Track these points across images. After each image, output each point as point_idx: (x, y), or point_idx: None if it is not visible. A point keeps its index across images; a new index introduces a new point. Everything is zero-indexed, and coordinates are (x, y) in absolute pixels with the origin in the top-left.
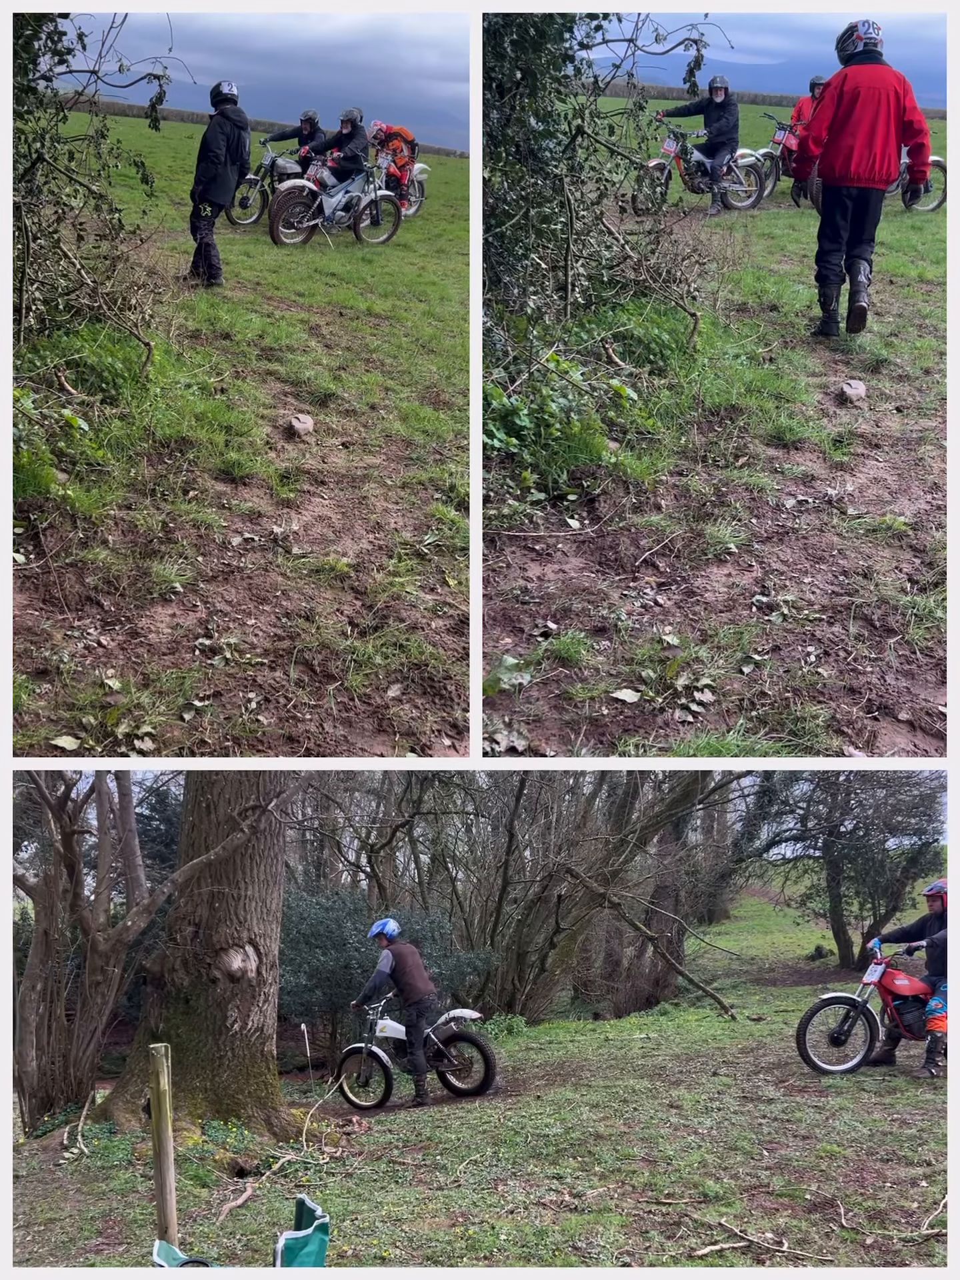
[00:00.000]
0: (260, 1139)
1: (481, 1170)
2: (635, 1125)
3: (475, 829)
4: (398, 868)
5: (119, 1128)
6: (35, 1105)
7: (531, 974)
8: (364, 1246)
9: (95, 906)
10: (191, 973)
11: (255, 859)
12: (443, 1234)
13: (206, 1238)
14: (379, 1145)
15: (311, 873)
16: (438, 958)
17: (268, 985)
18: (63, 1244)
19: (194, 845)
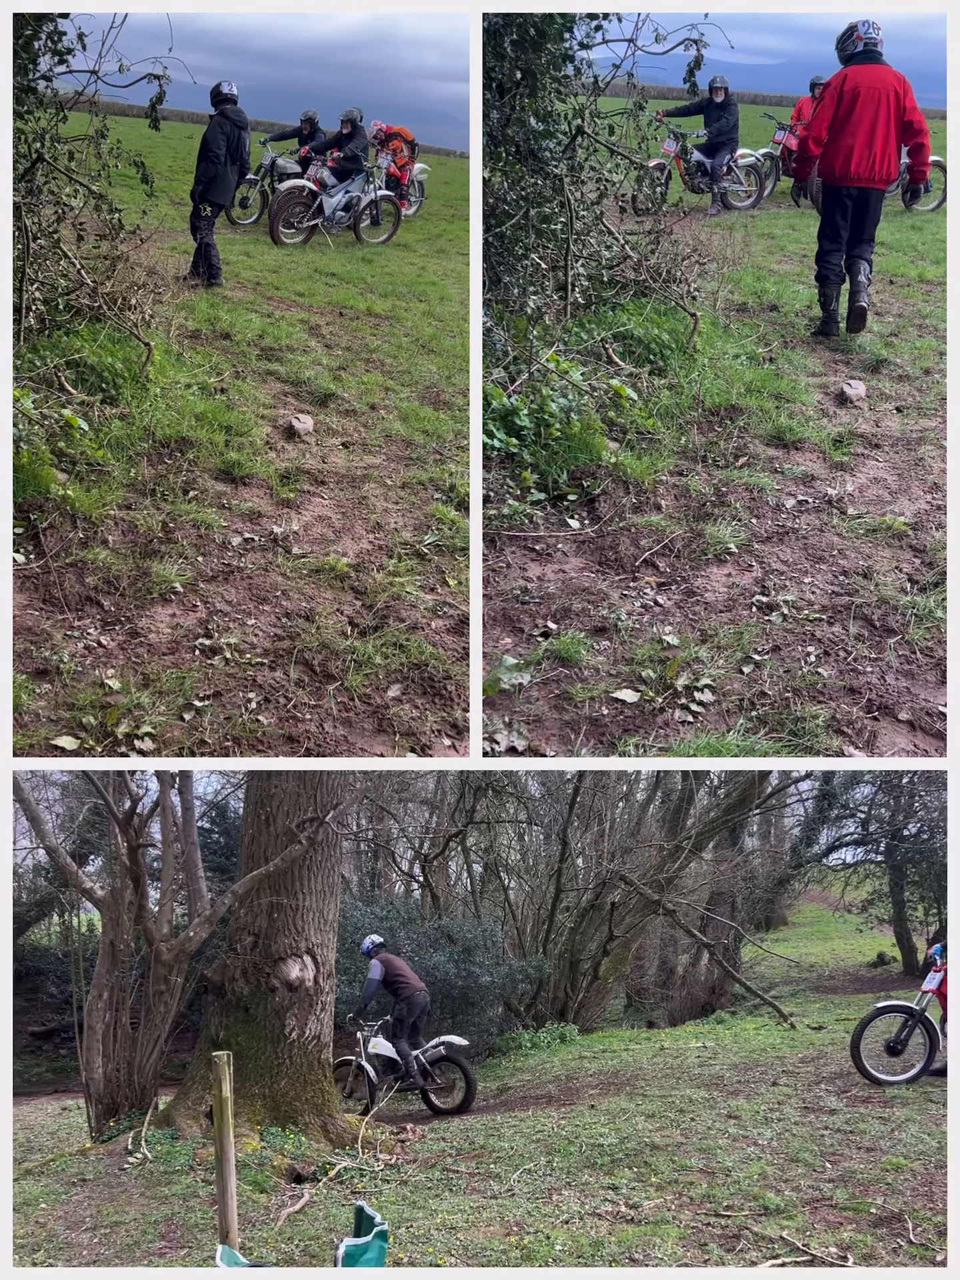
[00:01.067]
0: (317, 1145)
1: (535, 1179)
2: (692, 1136)
3: (528, 837)
4: (450, 877)
5: (181, 1133)
6: (101, 1111)
7: (584, 982)
8: (419, 1254)
9: (159, 918)
10: (251, 982)
11: (313, 870)
12: (497, 1243)
13: (265, 1243)
14: (432, 1153)
15: (366, 883)
16: (490, 965)
17: (325, 994)
18: (128, 1246)
19: (254, 857)
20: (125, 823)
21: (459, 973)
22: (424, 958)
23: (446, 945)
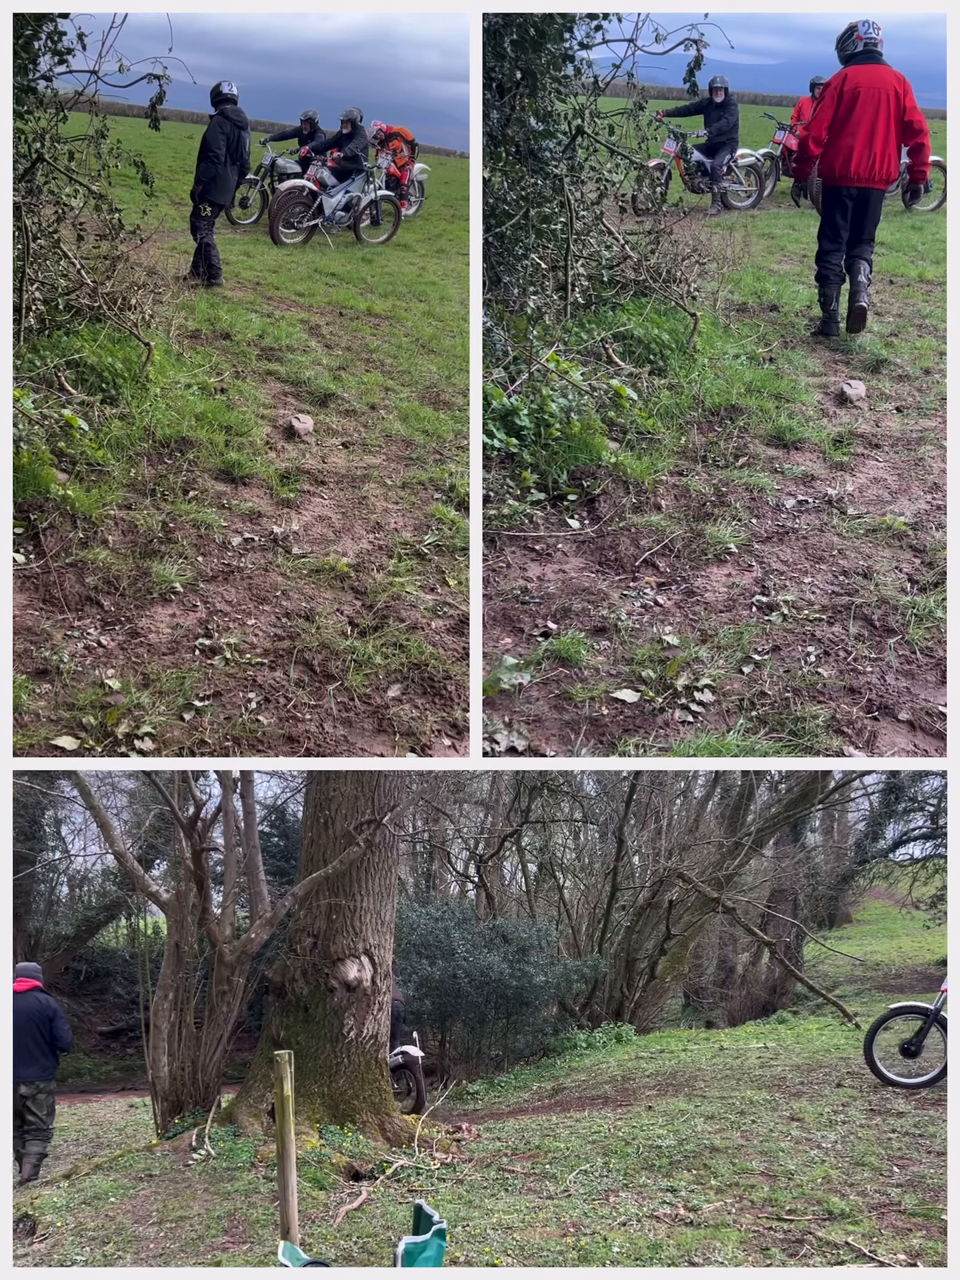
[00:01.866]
0: (374, 1144)
1: (592, 1181)
2: (753, 1138)
3: (583, 836)
4: (504, 877)
5: (243, 1131)
6: (167, 1108)
7: (641, 981)
8: (476, 1253)
9: (222, 920)
10: (310, 982)
11: (370, 872)
12: (554, 1244)
13: (324, 1239)
14: (488, 1153)
15: (421, 884)
16: (544, 965)
17: (381, 994)
18: (192, 1241)
19: (313, 860)
20: (190, 827)
21: (513, 973)
22: (478, 958)
23: (501, 945)
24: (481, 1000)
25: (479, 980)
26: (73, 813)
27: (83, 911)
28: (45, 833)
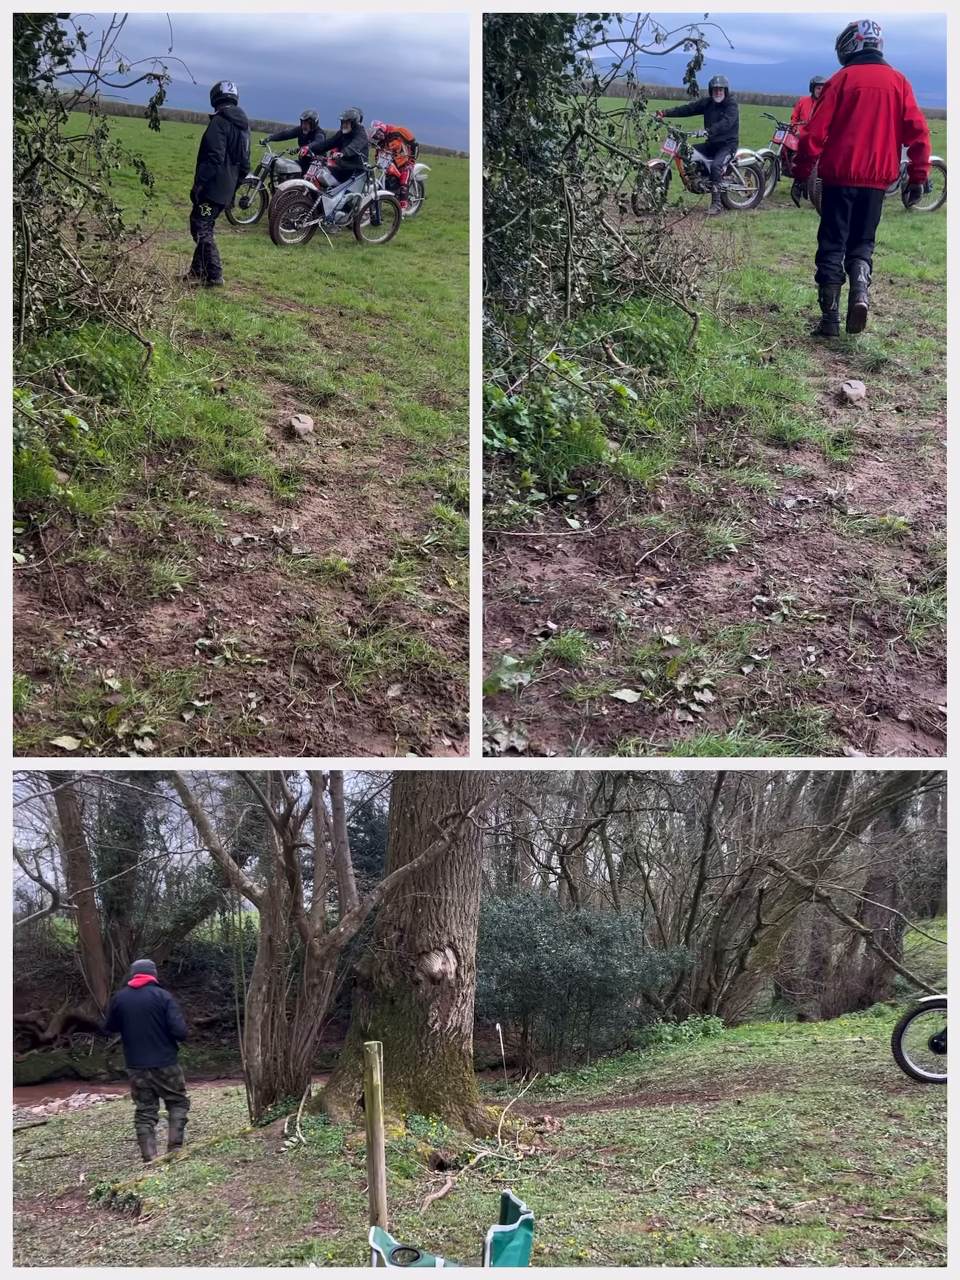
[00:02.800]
0: (458, 1134)
1: (678, 1176)
2: (848, 1135)
3: (669, 825)
4: (587, 868)
5: (332, 1119)
6: (260, 1097)
7: (730, 973)
8: (560, 1245)
9: (312, 914)
10: (396, 975)
11: (455, 865)
12: (639, 1238)
13: (411, 1226)
14: (572, 1145)
15: (504, 876)
16: (628, 957)
17: (465, 986)
18: (285, 1225)
19: (399, 854)
20: (282, 824)
21: (596, 964)
22: (560, 950)
23: (584, 937)
24: (564, 992)
25: (561, 972)
26: (171, 812)
27: (180, 907)
28: (145, 831)
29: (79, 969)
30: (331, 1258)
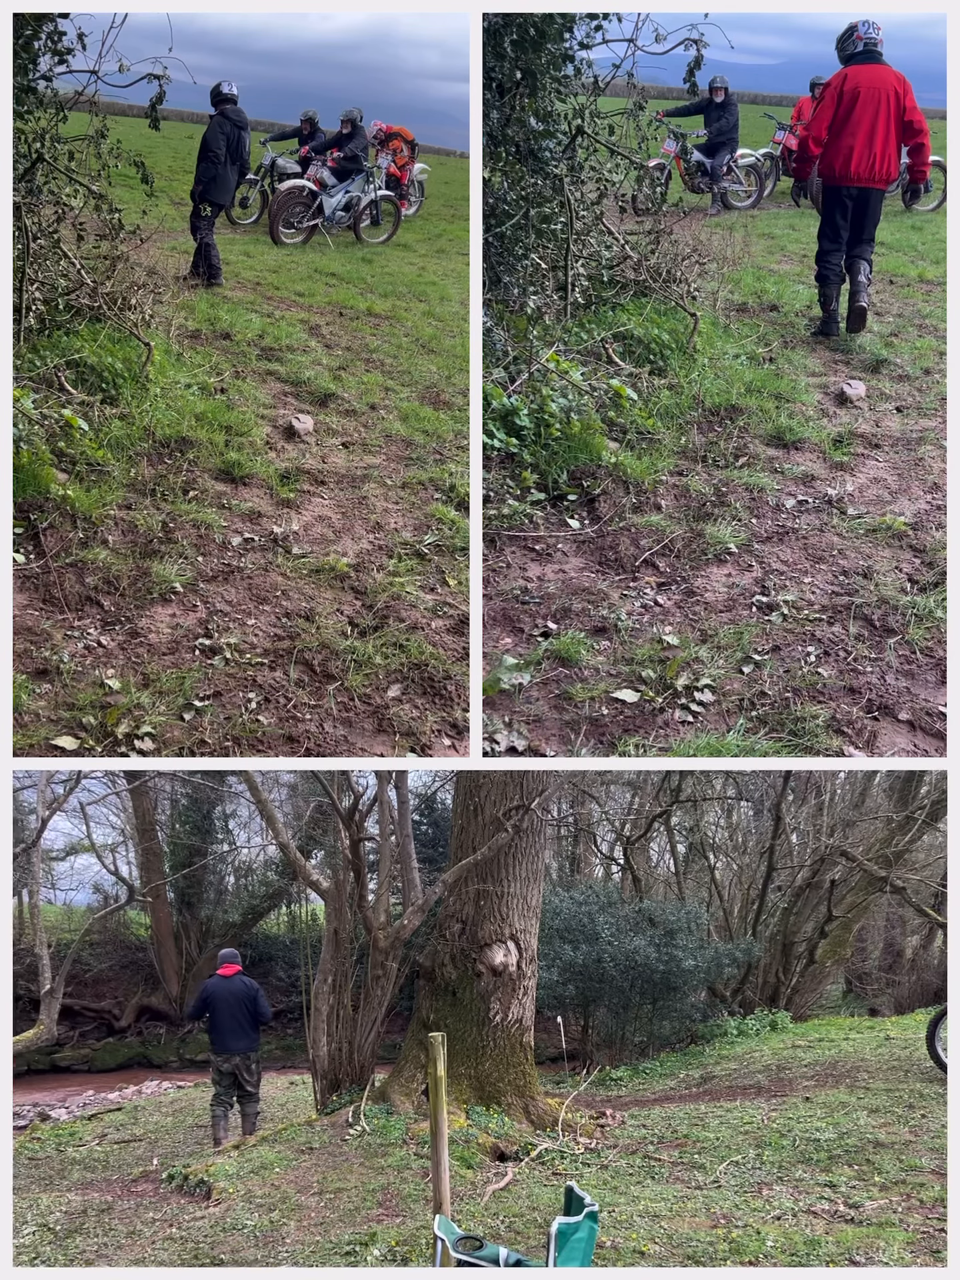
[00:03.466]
0: (519, 1126)
1: (744, 1172)
2: (923, 1134)
3: (736, 814)
4: (651, 858)
5: (395, 1109)
6: (325, 1086)
7: (798, 966)
8: (622, 1239)
9: (376, 907)
10: (458, 967)
11: (518, 857)
12: (703, 1234)
13: (472, 1216)
14: (633, 1139)
15: (566, 868)
16: (693, 949)
17: (527, 979)
18: (349, 1212)
19: (462, 847)
20: (348, 818)
21: (660, 957)
22: (623, 942)
23: (647, 928)
24: (626, 985)
25: (624, 964)
26: (239, 807)
27: (248, 900)
28: (215, 826)
29: (152, 960)
30: (395, 1244)
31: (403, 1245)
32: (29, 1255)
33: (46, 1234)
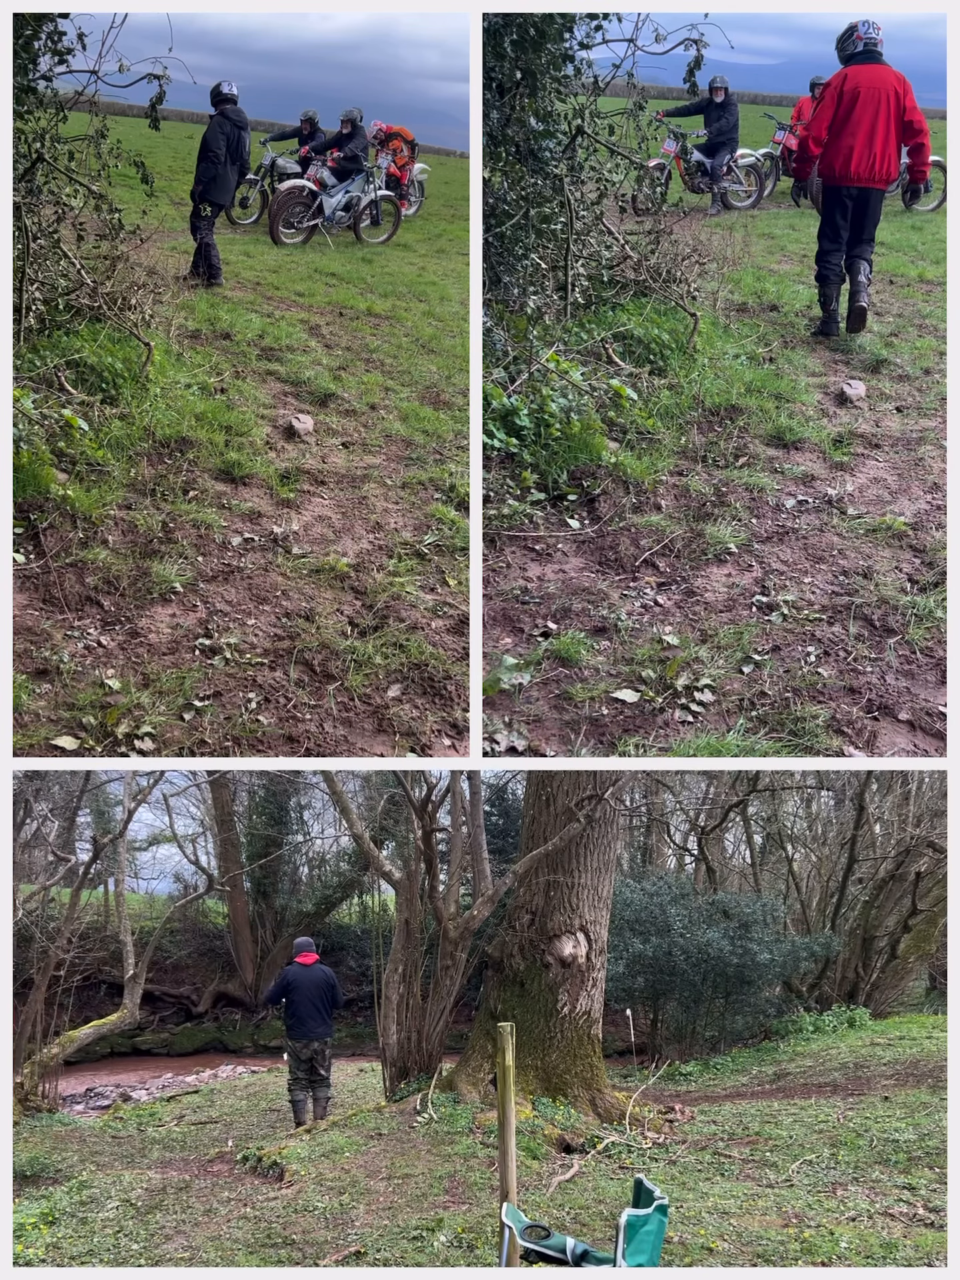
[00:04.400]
0: (585, 1119)
1: (817, 1172)
2: None
3: (816, 804)
4: (726, 849)
5: (461, 1098)
6: (394, 1074)
7: (879, 961)
8: (690, 1235)
9: (447, 897)
10: (527, 958)
11: (589, 848)
12: (774, 1233)
13: (538, 1206)
14: (703, 1135)
15: (637, 858)
16: (769, 942)
17: (596, 971)
18: (416, 1198)
19: (534, 837)
20: (421, 809)
21: (734, 950)
22: (695, 934)
23: (721, 921)
24: (698, 978)
25: (696, 957)
26: (314, 798)
27: (321, 890)
28: (291, 817)
29: (228, 948)
30: (461, 1231)
31: (469, 1232)
32: (113, 1230)
33: (129, 1209)
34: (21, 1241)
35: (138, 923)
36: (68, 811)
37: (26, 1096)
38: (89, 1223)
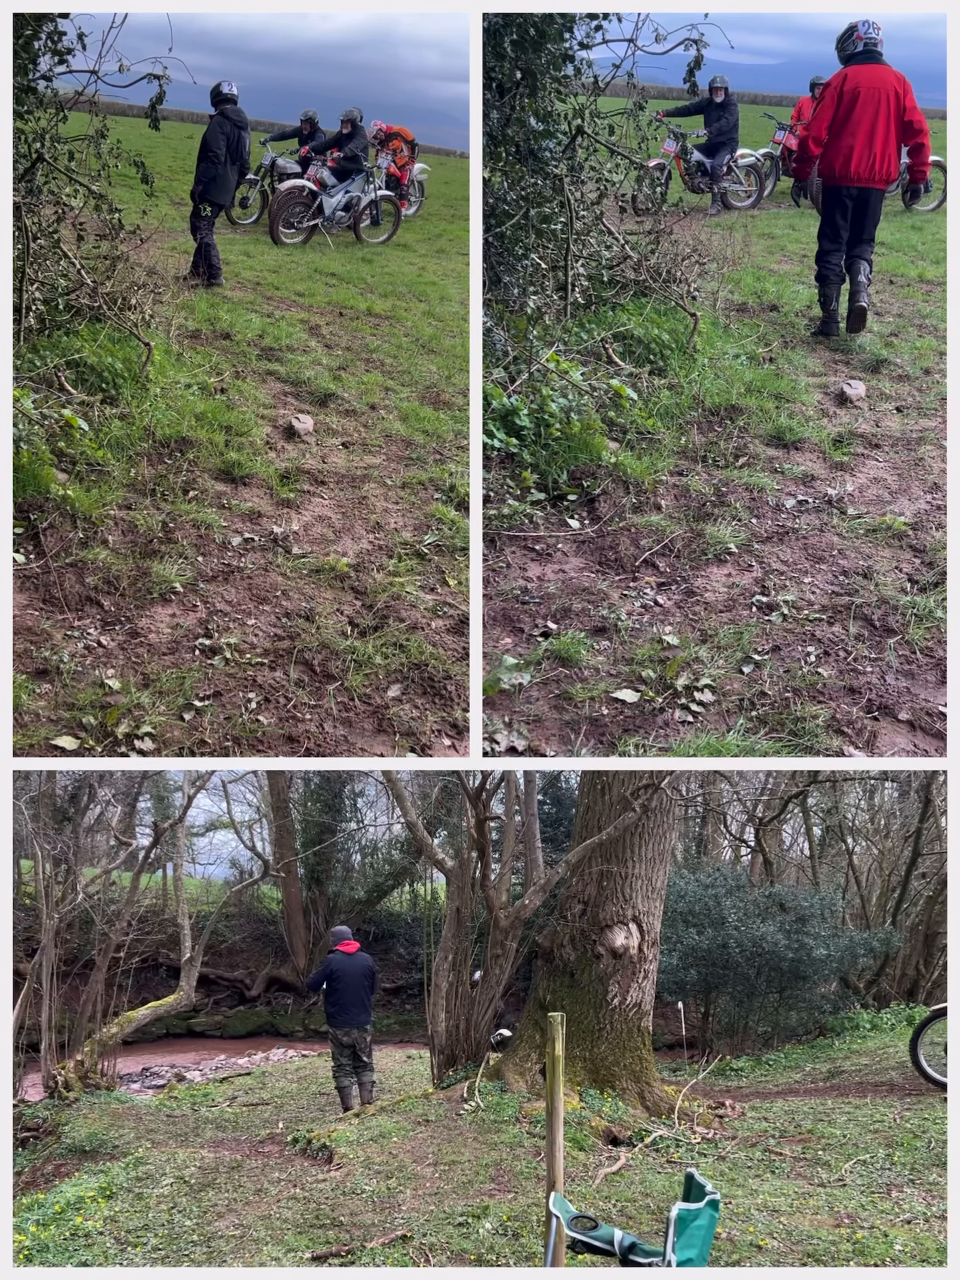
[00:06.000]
0: (633, 1111)
1: (871, 1172)
2: None
3: (879, 796)
4: (784, 841)
5: (509, 1087)
6: (442, 1061)
7: (941, 958)
8: (739, 1232)
9: (498, 886)
10: (578, 948)
11: (644, 837)
12: (825, 1233)
13: (584, 1198)
14: (753, 1132)
15: (692, 849)
16: (826, 937)
17: (648, 962)
18: (463, 1184)
19: (587, 826)
20: (475, 797)
21: (790, 944)
22: (750, 927)
23: (778, 914)
24: (752, 972)
25: (750, 951)
26: (367, 786)
27: (373, 878)
28: (345, 805)
29: (282, 933)
30: (506, 1219)
31: (514, 1220)
32: (167, 1205)
33: (183, 1186)
34: (81, 1214)
35: (194, 907)
36: (129, 797)
37: (87, 1074)
38: (144, 1198)
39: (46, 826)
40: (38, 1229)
